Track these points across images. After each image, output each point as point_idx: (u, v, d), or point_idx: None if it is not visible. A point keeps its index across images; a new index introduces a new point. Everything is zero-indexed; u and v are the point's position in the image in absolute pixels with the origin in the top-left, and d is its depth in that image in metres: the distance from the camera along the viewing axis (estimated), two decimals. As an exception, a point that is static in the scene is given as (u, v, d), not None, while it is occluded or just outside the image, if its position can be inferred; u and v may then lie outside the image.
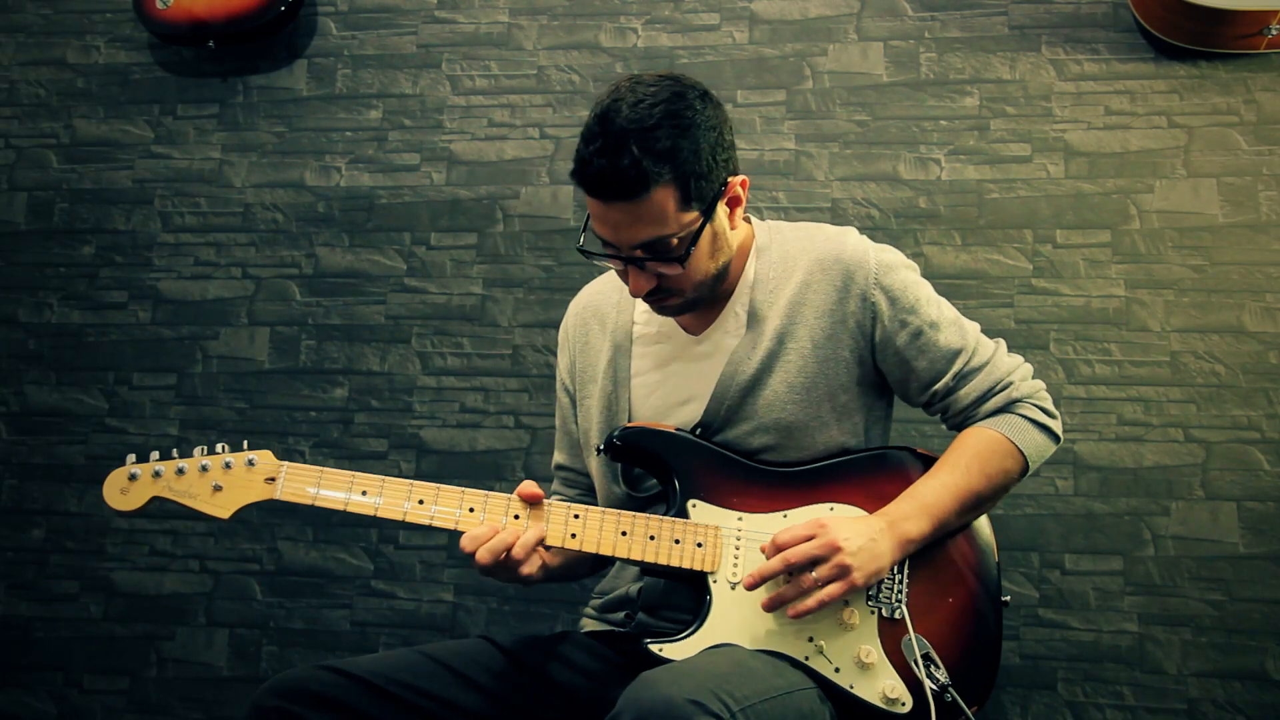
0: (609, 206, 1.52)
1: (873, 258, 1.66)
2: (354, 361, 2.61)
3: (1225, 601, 2.20)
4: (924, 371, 1.66)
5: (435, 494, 1.56)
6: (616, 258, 1.57)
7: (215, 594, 2.55)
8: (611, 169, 1.48)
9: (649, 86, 1.53)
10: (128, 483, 1.56)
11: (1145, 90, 2.43)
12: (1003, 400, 1.66)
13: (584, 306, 1.87)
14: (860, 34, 2.57)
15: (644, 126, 1.49)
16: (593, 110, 1.54)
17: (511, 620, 2.45)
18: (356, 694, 1.49)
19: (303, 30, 2.79)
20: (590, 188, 1.52)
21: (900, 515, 1.55)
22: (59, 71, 2.88)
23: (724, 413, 1.65)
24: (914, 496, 1.57)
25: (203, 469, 1.56)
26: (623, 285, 1.78)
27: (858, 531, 1.50)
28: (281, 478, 1.57)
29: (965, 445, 1.63)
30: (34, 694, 2.56)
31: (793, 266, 1.69)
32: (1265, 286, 2.31)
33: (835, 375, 1.65)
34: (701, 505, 1.60)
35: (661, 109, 1.50)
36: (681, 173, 1.51)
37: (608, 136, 1.49)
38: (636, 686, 1.30)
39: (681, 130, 1.51)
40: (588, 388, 1.80)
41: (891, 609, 1.55)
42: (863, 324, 1.65)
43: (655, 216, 1.51)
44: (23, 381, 2.72)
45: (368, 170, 2.70)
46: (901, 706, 1.50)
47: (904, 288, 1.66)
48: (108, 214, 2.78)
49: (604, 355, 1.78)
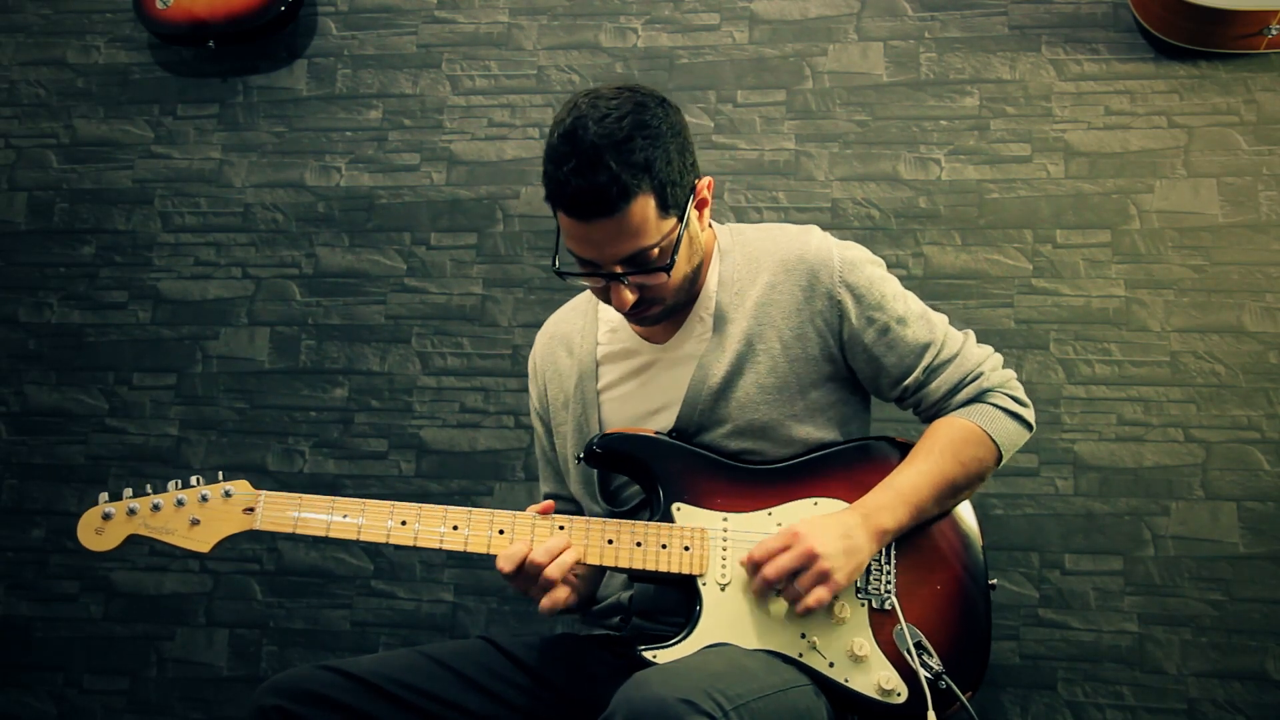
0: (590, 224, 1.49)
1: (836, 255, 1.65)
2: (354, 361, 2.61)
3: (1225, 601, 2.20)
4: (894, 367, 1.67)
5: (417, 514, 1.56)
6: (597, 275, 1.55)
7: (215, 594, 2.55)
8: (590, 186, 1.46)
9: (609, 100, 1.51)
10: (102, 522, 1.53)
11: (1145, 90, 2.43)
12: (974, 391, 1.67)
13: (550, 336, 1.86)
14: (860, 34, 2.57)
15: (616, 140, 1.47)
16: (554, 130, 1.51)
17: (511, 620, 2.45)
18: (357, 694, 1.49)
19: (303, 30, 2.79)
20: (569, 208, 1.49)
21: (876, 506, 1.55)
22: (59, 71, 2.88)
23: (697, 418, 1.65)
24: (890, 486, 1.58)
25: (178, 503, 1.55)
26: (586, 310, 1.81)
27: (832, 533, 1.51)
28: (260, 507, 1.56)
29: (938, 434, 1.64)
30: (34, 694, 2.56)
31: (756, 268, 1.68)
32: (1265, 286, 2.31)
33: (806, 374, 1.65)
34: (686, 508, 1.60)
35: (629, 120, 1.48)
36: (658, 181, 1.50)
37: (580, 155, 1.46)
38: (629, 687, 1.30)
39: (652, 140, 1.49)
40: (560, 414, 1.79)
41: (881, 600, 1.56)
42: (830, 322, 1.65)
43: (637, 228, 1.50)
44: (23, 381, 2.72)
45: (368, 170, 2.70)
46: (897, 697, 1.51)
47: (869, 284, 1.65)
48: (108, 214, 2.78)
49: (571, 379, 1.77)
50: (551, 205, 1.53)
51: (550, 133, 1.52)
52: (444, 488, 2.51)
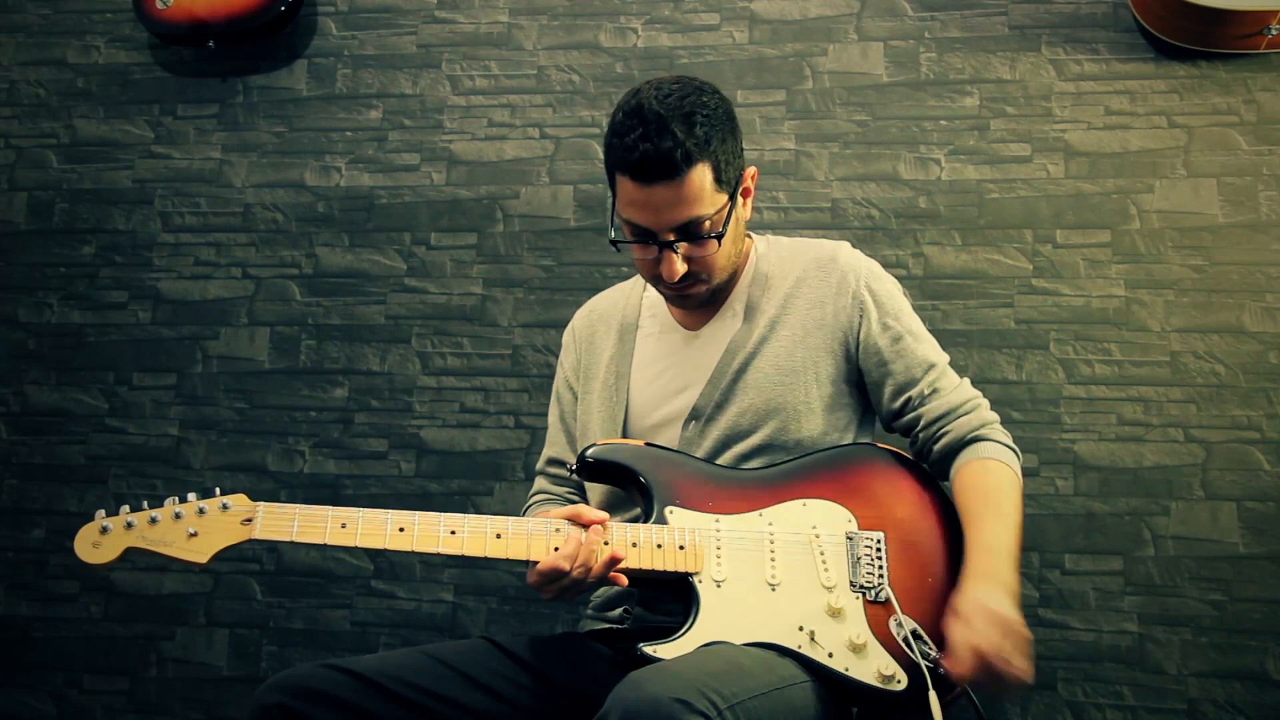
0: (652, 188, 1.59)
1: (864, 265, 1.79)
2: (354, 361, 2.61)
3: (1225, 601, 2.20)
4: (900, 374, 1.74)
5: (414, 521, 1.57)
6: (651, 243, 1.64)
7: (215, 594, 2.55)
8: (657, 150, 1.56)
9: (671, 84, 1.63)
10: (100, 536, 1.53)
11: (1145, 90, 2.43)
12: (975, 421, 1.72)
13: (592, 311, 1.96)
14: (860, 34, 2.57)
15: (682, 112, 1.59)
16: (617, 113, 1.63)
17: (512, 620, 2.45)
18: (360, 692, 1.49)
19: (303, 30, 2.79)
20: (636, 171, 1.59)
21: (1010, 581, 1.54)
22: (59, 71, 2.88)
23: (718, 397, 1.72)
24: (999, 554, 1.57)
25: (176, 516, 1.54)
26: (630, 293, 1.91)
27: (1006, 607, 1.48)
28: (258, 519, 1.56)
29: (1001, 487, 1.65)
30: (34, 694, 2.56)
31: (789, 267, 1.80)
32: (1265, 286, 2.31)
33: (820, 364, 1.73)
34: (679, 511, 1.62)
35: (691, 100, 1.61)
36: (714, 154, 1.61)
37: (647, 124, 1.57)
38: (624, 686, 1.31)
39: (710, 117, 1.61)
40: (590, 384, 1.86)
41: (876, 592, 1.57)
42: (851, 320, 1.75)
43: (694, 195, 1.60)
44: (23, 381, 2.72)
45: (368, 170, 2.70)
46: (897, 684, 1.51)
47: (890, 296, 1.78)
48: (108, 214, 2.78)
49: (607, 351, 1.86)
50: (612, 174, 1.64)
51: (613, 116, 1.64)
52: (444, 488, 2.51)
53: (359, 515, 1.56)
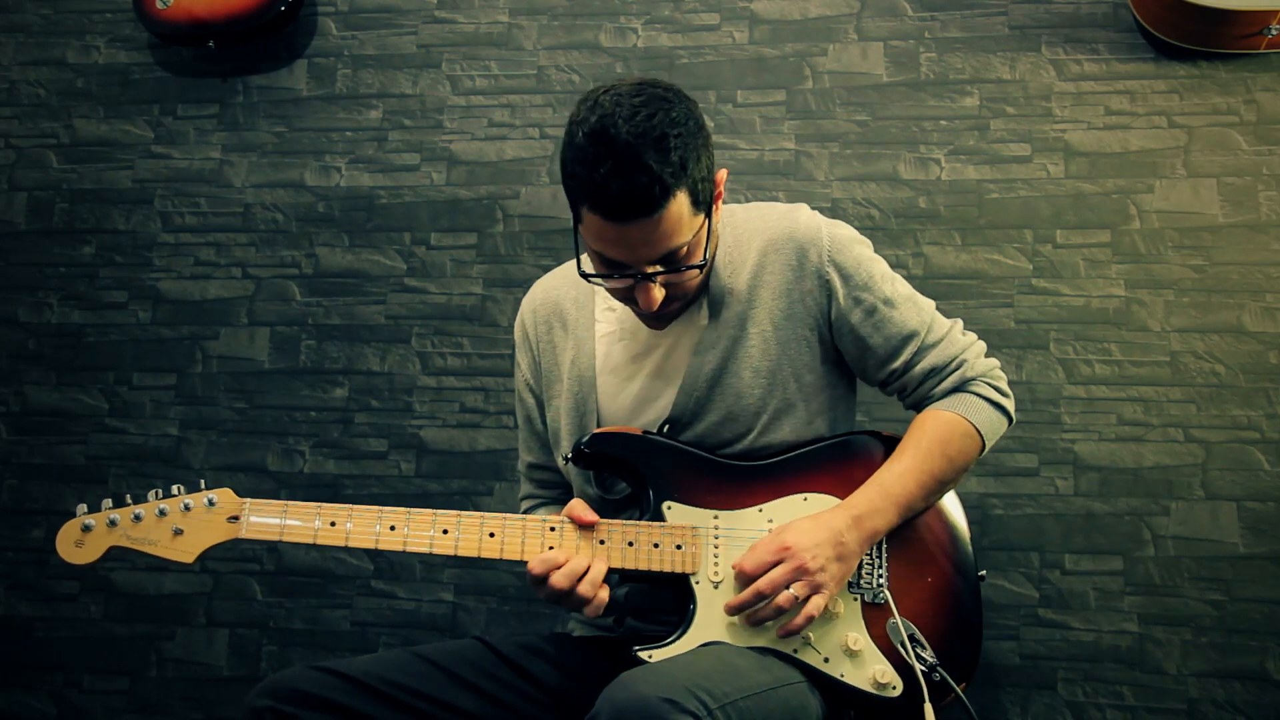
0: (628, 226, 1.44)
1: (825, 233, 1.64)
2: (354, 361, 2.61)
3: (1225, 601, 2.20)
4: (880, 348, 1.66)
5: (406, 519, 1.55)
6: (629, 277, 1.51)
7: (215, 594, 2.55)
8: (632, 188, 1.41)
9: (633, 97, 1.45)
10: (81, 534, 1.48)
11: (1145, 90, 2.43)
12: (957, 379, 1.67)
13: (540, 304, 1.82)
14: (860, 34, 2.57)
15: (653, 138, 1.42)
16: (577, 130, 1.45)
17: (512, 620, 2.45)
18: (350, 694, 1.49)
19: (303, 30, 2.79)
20: (609, 211, 1.43)
21: (868, 508, 1.55)
22: (59, 71, 2.88)
23: (693, 405, 1.64)
24: (879, 485, 1.58)
25: (160, 513, 1.50)
26: (578, 281, 1.75)
27: (821, 539, 1.51)
28: (245, 515, 1.53)
29: (924, 428, 1.63)
30: (34, 694, 2.56)
31: (746, 249, 1.66)
32: (1265, 286, 2.31)
33: (798, 355, 1.64)
34: (677, 506, 1.59)
35: (660, 118, 1.43)
36: (690, 178, 1.46)
37: (617, 156, 1.40)
38: (614, 687, 1.30)
39: (682, 135, 1.45)
40: (554, 388, 1.77)
41: (873, 594, 1.56)
42: (819, 302, 1.64)
43: (673, 228, 1.46)
44: (23, 381, 2.72)
45: (368, 170, 2.70)
46: (892, 690, 1.51)
47: (857, 264, 1.64)
48: (108, 214, 2.78)
49: (567, 353, 1.74)
50: (579, 208, 1.48)
51: (570, 132, 1.46)
52: (444, 488, 2.51)
53: (349, 512, 1.54)
